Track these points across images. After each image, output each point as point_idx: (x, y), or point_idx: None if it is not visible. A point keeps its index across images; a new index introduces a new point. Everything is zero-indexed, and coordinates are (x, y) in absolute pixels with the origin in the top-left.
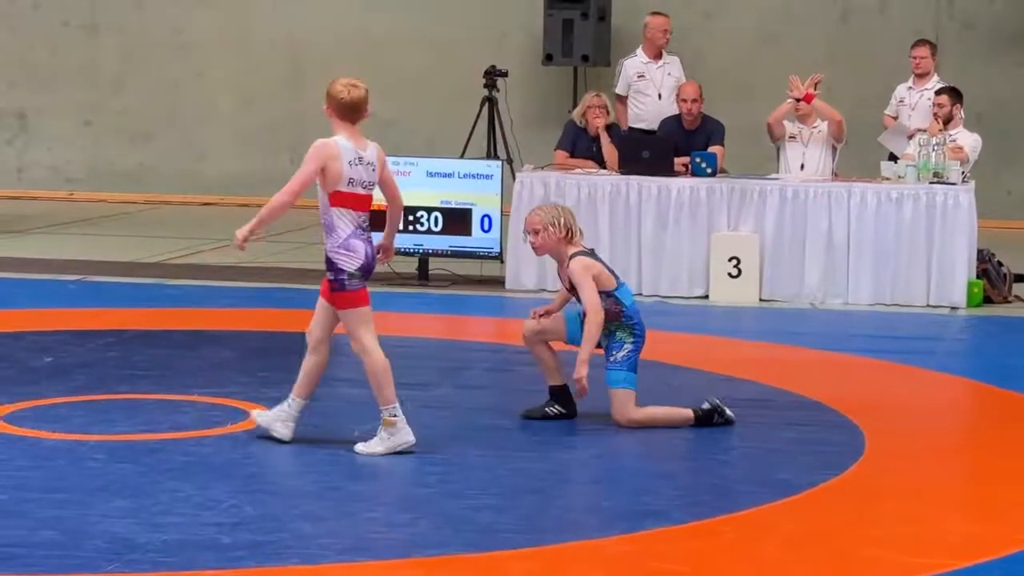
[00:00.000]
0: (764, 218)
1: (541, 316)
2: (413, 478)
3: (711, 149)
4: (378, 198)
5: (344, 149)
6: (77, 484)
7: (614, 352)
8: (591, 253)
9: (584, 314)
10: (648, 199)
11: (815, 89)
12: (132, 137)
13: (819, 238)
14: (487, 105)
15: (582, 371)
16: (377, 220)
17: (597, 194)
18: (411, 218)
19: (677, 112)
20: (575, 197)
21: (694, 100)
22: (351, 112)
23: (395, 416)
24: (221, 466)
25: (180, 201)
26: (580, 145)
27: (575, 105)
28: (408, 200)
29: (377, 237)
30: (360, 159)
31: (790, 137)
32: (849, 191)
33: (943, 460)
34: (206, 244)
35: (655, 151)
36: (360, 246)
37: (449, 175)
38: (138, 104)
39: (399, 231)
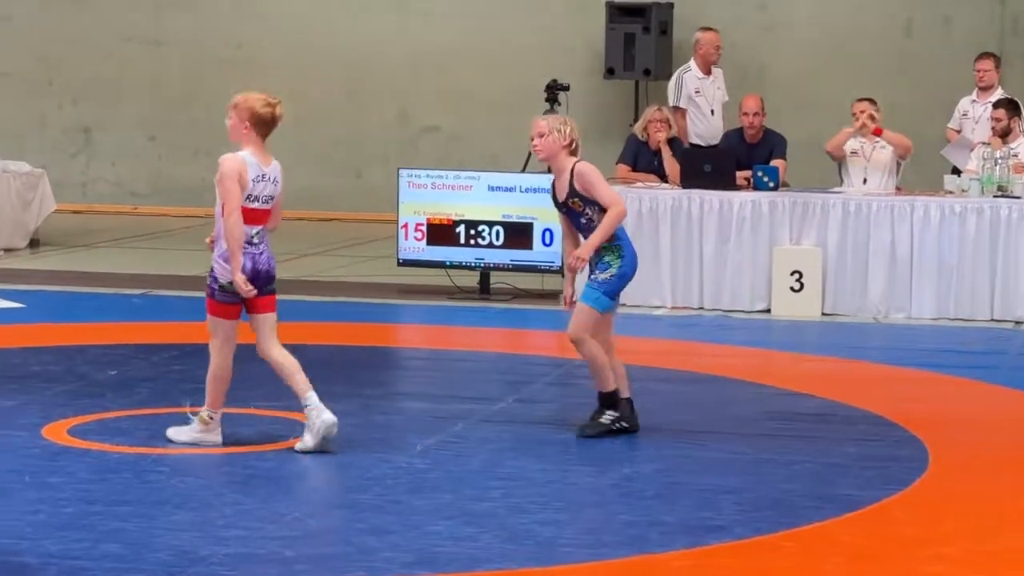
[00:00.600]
0: (827, 232)
1: (572, 303)
2: (475, 492)
3: (773, 163)
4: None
5: (250, 165)
6: (140, 497)
7: (597, 272)
8: None
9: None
10: (710, 213)
11: (873, 121)
12: (195, 152)
13: (882, 252)
14: None
15: (583, 251)
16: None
17: (659, 208)
18: (472, 232)
19: (738, 126)
20: (636, 211)
21: (756, 113)
22: (266, 127)
23: (212, 418)
24: (283, 479)
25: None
26: (642, 159)
27: (636, 119)
28: (470, 214)
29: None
30: (263, 175)
31: (852, 152)
32: (912, 205)
33: (1008, 475)
34: None
35: (717, 165)
36: (244, 261)
37: (511, 189)
38: (201, 119)
39: (462, 244)
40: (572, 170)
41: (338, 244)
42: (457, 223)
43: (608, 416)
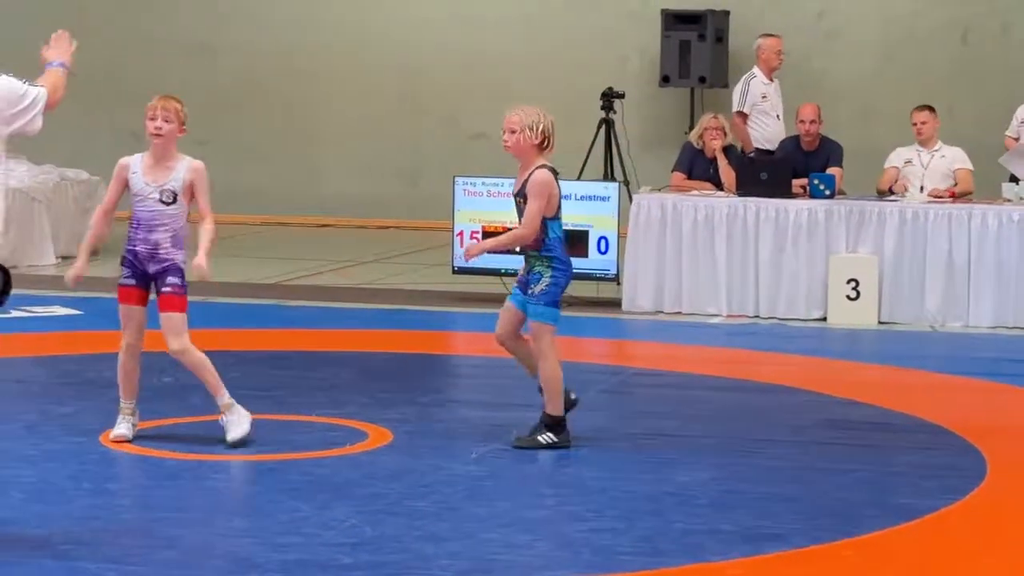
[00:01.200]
0: (883, 240)
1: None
2: (531, 500)
3: (830, 171)
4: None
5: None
6: (198, 504)
7: (532, 286)
8: (555, 173)
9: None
10: (766, 221)
11: (946, 190)
12: (250, 158)
13: (939, 260)
14: (604, 127)
15: (474, 249)
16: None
17: (714, 216)
18: None
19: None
20: (692, 219)
21: (812, 121)
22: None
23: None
24: (340, 486)
25: (298, 222)
26: (697, 167)
27: (692, 127)
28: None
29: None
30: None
31: (906, 162)
32: (970, 213)
33: None
34: (324, 265)
35: (773, 173)
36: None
37: (565, 197)
38: (255, 127)
39: (518, 252)
40: (532, 171)
41: (394, 252)
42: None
43: (546, 437)
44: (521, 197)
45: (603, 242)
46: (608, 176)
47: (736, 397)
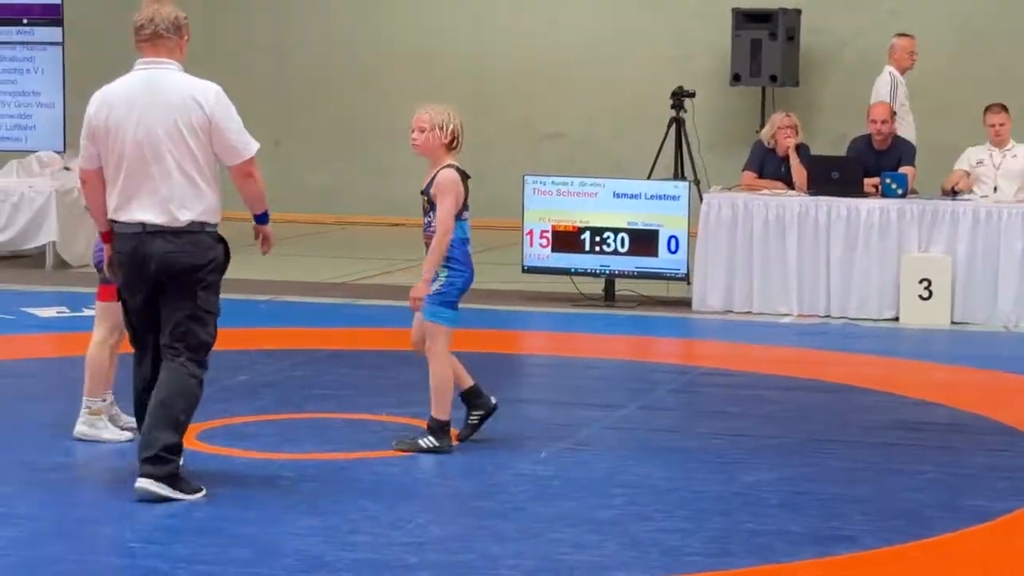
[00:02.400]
0: (956, 239)
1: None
2: (599, 500)
3: (902, 170)
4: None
5: None
6: (268, 502)
7: (432, 284)
8: (463, 173)
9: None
10: (837, 220)
11: None
12: (321, 157)
13: (1013, 260)
14: (674, 126)
15: (419, 289)
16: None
17: (786, 215)
18: (597, 239)
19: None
20: (763, 218)
21: (884, 121)
22: None
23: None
24: (408, 486)
25: (369, 222)
26: (768, 165)
27: (762, 126)
28: (595, 221)
29: None
30: None
31: (978, 163)
32: None
33: None
34: (395, 264)
35: (845, 172)
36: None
37: (636, 196)
38: (327, 125)
39: (587, 251)
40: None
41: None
42: (582, 230)
43: (427, 441)
44: (426, 196)
45: (673, 241)
46: (678, 175)
47: (806, 397)
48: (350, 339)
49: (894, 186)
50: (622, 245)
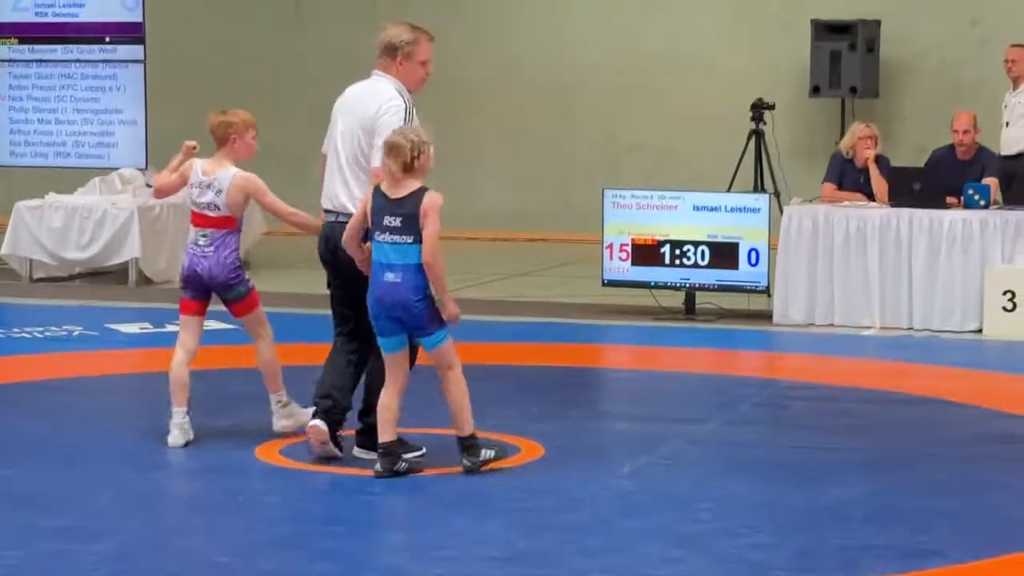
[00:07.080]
0: None
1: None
2: (685, 514)
3: (985, 181)
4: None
5: (193, 171)
6: (352, 517)
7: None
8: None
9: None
10: (919, 232)
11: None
12: None
13: None
14: (754, 138)
15: (455, 314)
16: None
17: (867, 227)
18: (677, 252)
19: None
20: (844, 231)
21: (967, 131)
22: (214, 137)
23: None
24: (494, 500)
25: (451, 236)
26: (848, 177)
27: (842, 137)
28: (674, 234)
29: None
30: (201, 182)
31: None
32: None
33: None
34: (475, 279)
35: (926, 183)
36: (184, 258)
37: (716, 209)
38: None
39: (667, 264)
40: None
41: (545, 264)
42: (662, 243)
43: (486, 455)
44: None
45: (753, 254)
46: (758, 187)
47: (891, 410)
48: None
49: (976, 197)
50: (702, 258)
